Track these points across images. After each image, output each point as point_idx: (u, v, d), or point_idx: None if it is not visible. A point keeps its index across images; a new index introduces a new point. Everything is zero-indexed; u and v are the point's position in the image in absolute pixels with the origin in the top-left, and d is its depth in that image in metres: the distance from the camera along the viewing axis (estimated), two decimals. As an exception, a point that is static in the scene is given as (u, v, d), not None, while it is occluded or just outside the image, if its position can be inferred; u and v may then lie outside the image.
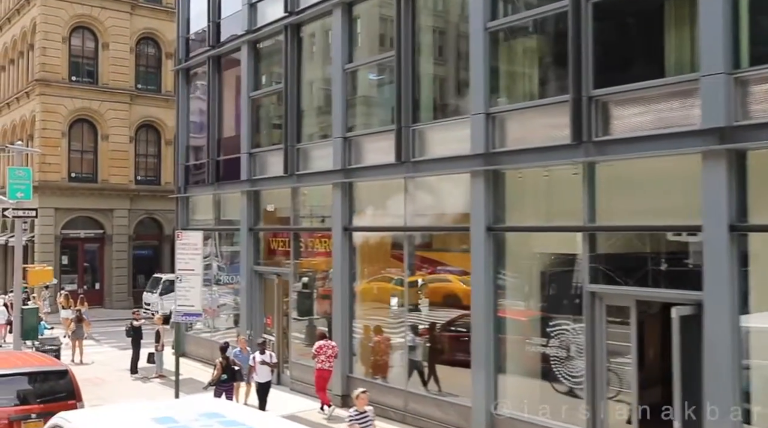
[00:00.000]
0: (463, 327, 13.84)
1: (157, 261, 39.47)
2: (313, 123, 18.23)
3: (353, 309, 16.13)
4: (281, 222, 18.92)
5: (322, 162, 16.93)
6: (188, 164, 22.78)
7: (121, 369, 20.67)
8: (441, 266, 14.60)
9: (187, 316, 13.33)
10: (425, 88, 14.79)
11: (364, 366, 15.96)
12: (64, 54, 36.14)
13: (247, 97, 19.44)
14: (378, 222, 15.89)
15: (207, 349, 21.43)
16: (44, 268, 19.89)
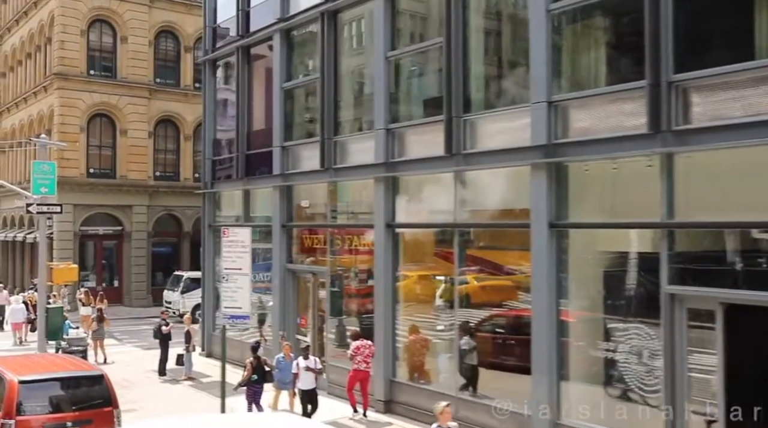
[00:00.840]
0: (519, 330, 13.02)
1: (176, 259, 38.81)
2: (351, 114, 17.41)
3: (396, 310, 15.33)
4: (316, 219, 18.14)
5: (363, 155, 16.12)
6: (215, 158, 22.02)
7: (147, 370, 19.96)
8: (494, 265, 13.76)
9: (234, 318, 12.53)
10: (477, 76, 13.95)
11: (408, 370, 15.15)
12: (82, 47, 35.50)
13: (279, 88, 18.65)
14: (424, 218, 15.09)
15: (236, 350, 20.62)
16: (69, 266, 19.20)
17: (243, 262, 12.31)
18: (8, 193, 42.84)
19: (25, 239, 38.47)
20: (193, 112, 38.41)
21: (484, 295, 13.88)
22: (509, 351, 13.37)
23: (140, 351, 24.11)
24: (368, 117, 16.44)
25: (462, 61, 13.69)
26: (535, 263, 12.09)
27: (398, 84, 15.62)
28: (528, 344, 12.32)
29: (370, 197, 16.10)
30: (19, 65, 41.69)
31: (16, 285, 41.06)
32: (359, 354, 15.03)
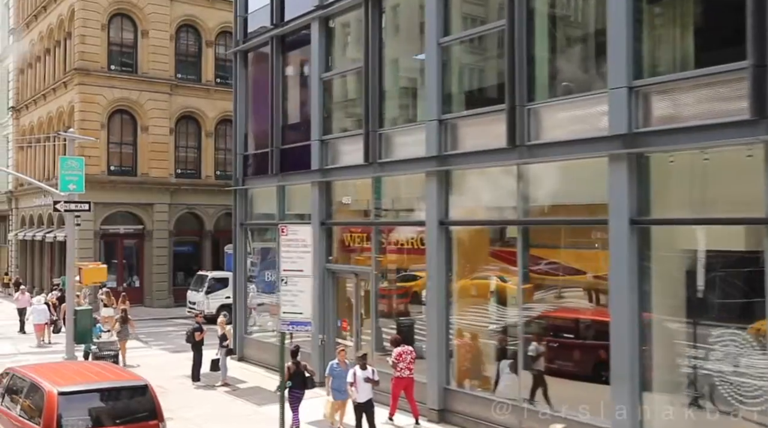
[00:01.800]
0: (593, 336, 12.05)
1: (198, 258, 38.00)
2: (398, 105, 16.47)
3: (450, 313, 14.36)
4: (359, 216, 17.20)
5: (411, 148, 15.16)
6: (246, 154, 21.10)
7: (179, 375, 19.06)
8: (562, 264, 12.75)
9: (294, 325, 11.51)
10: (544, 61, 12.95)
11: (465, 377, 14.18)
12: (103, 42, 34.70)
13: (317, 78, 17.70)
14: (482, 215, 14.13)
15: (270, 354, 19.74)
16: (98, 266, 18.33)
17: (304, 263, 11.31)
18: (26, 192, 42.22)
19: (45, 238, 37.75)
20: (215, 107, 37.63)
21: (551, 298, 12.88)
22: (582, 358, 12.39)
23: (168, 355, 23.25)
24: (418, 108, 15.48)
25: (526, 45, 12.70)
26: (615, 263, 11.09)
27: (452, 72, 14.62)
28: (604, 350, 11.34)
29: (419, 193, 15.15)
30: (37, 61, 40.96)
31: (35, 285, 40.39)
32: (402, 361, 14.19)
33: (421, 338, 15.16)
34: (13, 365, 21.29)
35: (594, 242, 11.90)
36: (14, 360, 22.09)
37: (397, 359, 14.09)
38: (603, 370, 11.44)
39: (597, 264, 11.98)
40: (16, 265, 44.29)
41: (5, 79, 47.84)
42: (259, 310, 20.66)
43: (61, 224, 37.28)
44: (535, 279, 12.94)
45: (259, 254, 21.29)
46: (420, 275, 15.93)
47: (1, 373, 12.19)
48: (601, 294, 11.90)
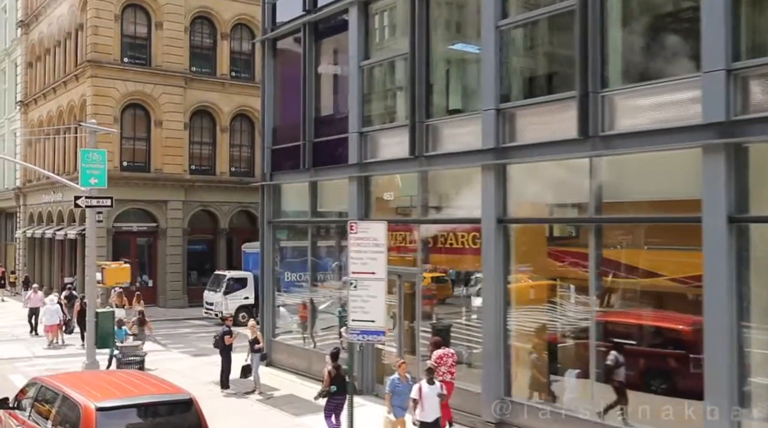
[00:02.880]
0: (682, 346, 10.97)
1: (212, 257, 36.95)
2: (446, 95, 15.43)
3: (508, 317, 13.27)
4: (402, 213, 16.12)
5: (465, 140, 14.09)
6: (275, 148, 20.01)
7: (206, 382, 17.99)
8: (642, 266, 11.65)
9: (365, 335, 10.38)
10: (619, 44, 11.88)
11: (527, 387, 13.08)
12: (116, 33, 33.63)
13: (356, 67, 16.61)
14: (547, 212, 13.08)
15: (301, 359, 18.74)
16: (121, 266, 17.26)
17: (377, 265, 10.20)
18: (35, 188, 41.15)
19: (55, 236, 36.68)
20: (230, 102, 36.57)
21: (628, 303, 11.80)
22: (666, 369, 11.29)
23: (190, 359, 22.17)
24: (470, 97, 14.42)
25: (600, 26, 11.61)
26: (710, 265, 10.01)
27: (511, 57, 13.53)
28: (694, 362, 10.26)
29: (472, 188, 14.07)
30: (47, 54, 39.87)
31: (43, 284, 39.32)
32: (443, 365, 13.22)
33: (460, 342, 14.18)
34: (29, 369, 20.39)
35: (680, 241, 10.82)
36: (30, 364, 21.08)
37: (437, 362, 13.16)
38: (692, 384, 10.37)
39: (684, 266, 10.90)
40: (24, 264, 43.22)
41: (13, 73, 46.77)
42: (289, 312, 19.58)
43: (71, 221, 36.27)
44: (610, 282, 11.85)
45: (287, 253, 20.25)
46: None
47: (27, 383, 11.10)
48: (689, 299, 10.81)
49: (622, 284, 11.83)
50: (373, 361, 16.41)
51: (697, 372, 10.25)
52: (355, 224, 10.58)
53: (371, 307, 10.16)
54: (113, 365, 16.69)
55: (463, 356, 14.09)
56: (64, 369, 19.94)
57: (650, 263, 11.62)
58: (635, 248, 11.79)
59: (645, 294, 11.62)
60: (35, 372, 19.59)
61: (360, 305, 10.21)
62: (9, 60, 47.22)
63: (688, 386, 10.53)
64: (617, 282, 11.85)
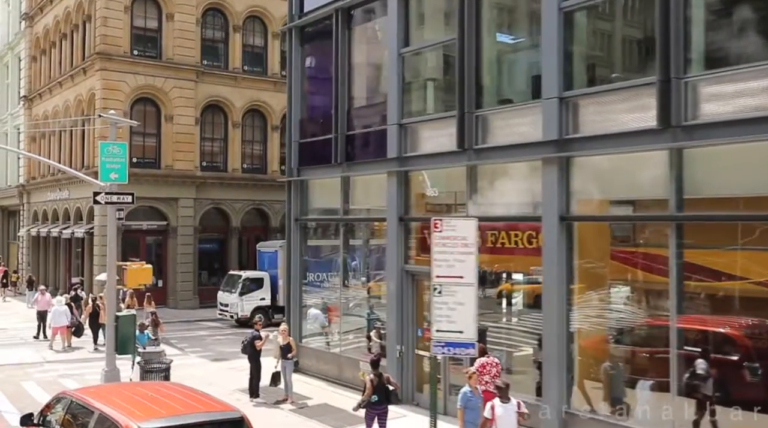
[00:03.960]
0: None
1: (223, 257, 35.92)
2: (499, 83, 14.37)
3: (571, 322, 12.23)
4: (448, 210, 15.07)
5: (520, 131, 13.05)
6: (303, 141, 18.95)
7: (232, 390, 16.92)
8: (733, 269, 10.61)
9: (452, 347, 9.28)
10: (702, 24, 10.83)
11: (591, 398, 12.02)
12: (125, 25, 32.54)
13: (396, 55, 15.56)
14: (616, 209, 12.03)
15: (332, 365, 17.69)
16: (143, 267, 16.21)
17: (465, 268, 9.12)
18: (39, 186, 40.03)
19: (61, 234, 35.59)
20: (242, 97, 35.51)
21: (715, 308, 10.77)
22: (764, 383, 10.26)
23: (209, 364, 21.12)
24: (525, 85, 13.38)
25: (683, 4, 10.57)
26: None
27: (576, 41, 12.48)
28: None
29: (529, 183, 13.06)
30: (52, 47, 38.75)
31: (48, 284, 38.17)
32: (486, 373, 12.25)
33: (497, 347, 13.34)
34: (42, 375, 19.33)
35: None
36: (41, 369, 20.01)
37: (479, 370, 12.19)
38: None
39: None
40: (28, 263, 42.08)
41: (16, 67, 45.61)
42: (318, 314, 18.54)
43: (78, 219, 35.17)
44: (692, 286, 10.81)
45: (315, 252, 19.23)
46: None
47: (54, 398, 10.02)
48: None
49: (706, 288, 10.80)
50: (412, 369, 15.38)
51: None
52: (439, 221, 9.51)
53: (458, 316, 9.08)
54: (136, 373, 15.66)
55: (502, 361, 13.09)
56: (79, 376, 18.92)
57: (738, 265, 10.59)
58: (721, 249, 10.74)
59: (733, 299, 10.59)
60: (49, 379, 18.61)
61: (445, 313, 9.13)
62: (12, 54, 46.07)
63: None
64: (700, 285, 10.82)
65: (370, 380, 12.15)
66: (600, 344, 12.16)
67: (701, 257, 10.86)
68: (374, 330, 17.60)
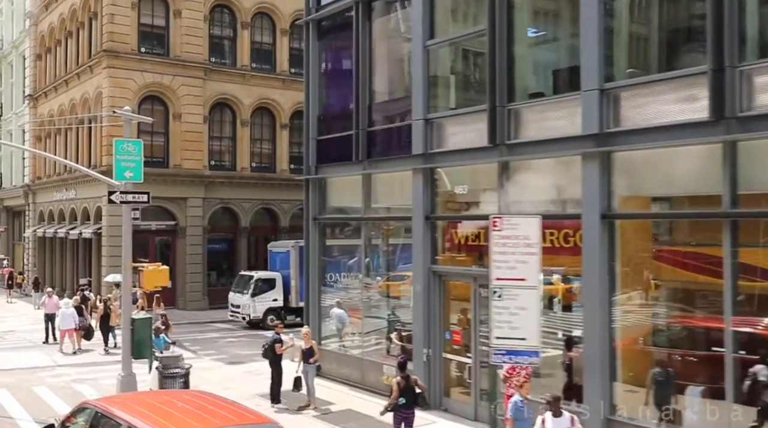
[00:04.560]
0: None
1: (232, 257, 35.38)
2: (532, 75, 13.79)
3: (613, 325, 11.65)
4: (477, 208, 14.51)
5: (556, 125, 12.47)
6: (322, 138, 18.39)
7: (251, 395, 16.36)
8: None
9: (513, 355, 8.69)
10: (762, 9, 10.26)
11: (638, 404, 11.44)
12: (133, 22, 31.98)
13: (421, 47, 14.99)
14: (665, 205, 11.45)
15: (353, 368, 17.14)
16: (159, 268, 15.62)
17: (527, 269, 8.53)
18: (45, 186, 39.50)
19: (68, 235, 35.06)
20: (251, 94, 34.96)
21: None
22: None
23: (225, 367, 20.55)
24: (563, 76, 12.83)
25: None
26: None
27: (617, 30, 11.91)
28: None
29: (566, 179, 12.50)
30: (58, 45, 38.20)
31: (54, 285, 37.63)
32: (515, 376, 11.67)
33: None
34: (54, 380, 18.72)
35: None
36: (54, 374, 19.46)
37: (509, 373, 11.63)
38: None
39: None
40: (34, 264, 41.55)
41: (21, 66, 45.06)
42: (339, 316, 17.98)
43: (86, 220, 34.63)
44: (748, 287, 10.25)
45: (334, 252, 18.69)
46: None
47: (77, 408, 9.46)
48: None
49: (763, 288, 10.23)
50: (440, 373, 14.82)
51: None
52: (499, 219, 8.92)
53: (521, 322, 8.49)
54: (154, 379, 15.07)
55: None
56: (92, 380, 18.38)
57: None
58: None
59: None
60: (62, 384, 18.06)
61: (506, 319, 8.53)
62: (17, 53, 45.51)
63: None
64: (757, 285, 10.25)
65: (396, 382, 11.75)
66: (645, 347, 11.59)
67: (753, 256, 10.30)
68: (395, 331, 17.09)
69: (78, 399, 16.57)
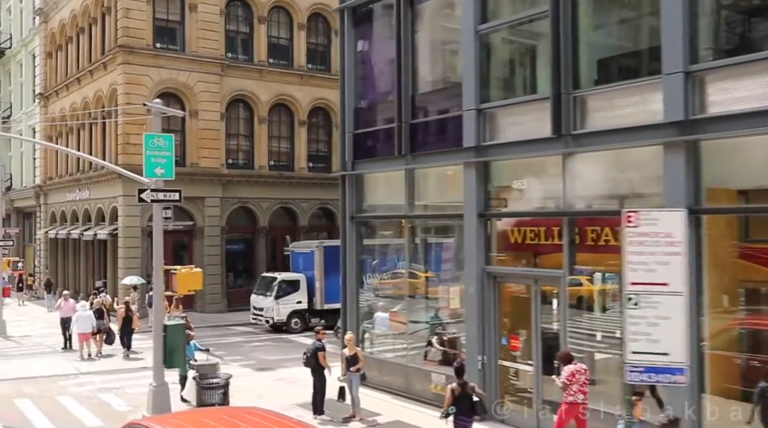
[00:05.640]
0: None
1: (250, 258, 34.41)
2: (600, 60, 12.78)
3: (702, 328, 10.63)
4: (536, 204, 13.50)
5: (630, 113, 11.46)
6: (358, 132, 17.38)
7: (290, 405, 15.37)
8: None
9: (654, 373, 7.60)
10: None
11: (727, 419, 10.43)
12: (148, 17, 31.03)
13: (472, 32, 13.97)
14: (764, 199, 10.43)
15: (397, 376, 16.16)
16: (191, 271, 14.64)
17: (670, 272, 7.50)
18: (57, 186, 38.56)
19: (83, 236, 34.13)
20: (269, 91, 33.99)
21: None
22: None
23: (254, 374, 19.57)
24: (638, 59, 11.81)
25: None
26: None
27: (703, 6, 10.88)
28: None
29: (642, 172, 11.51)
30: (69, 42, 37.26)
31: (67, 287, 36.74)
32: (575, 383, 11.04)
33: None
34: (79, 389, 17.64)
35: None
36: (77, 382, 18.50)
37: (569, 379, 11.02)
38: None
39: None
40: (46, 266, 40.62)
41: (30, 65, 44.14)
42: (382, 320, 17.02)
43: (100, 220, 33.69)
44: None
45: (371, 253, 17.72)
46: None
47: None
48: None
49: None
50: (496, 381, 13.83)
51: None
52: (634, 214, 7.87)
53: (662, 334, 7.43)
54: (190, 390, 14.13)
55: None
56: (118, 389, 17.42)
57: None
58: None
59: None
60: (87, 394, 17.08)
61: (644, 330, 7.47)
62: (26, 51, 44.58)
63: None
64: None
65: (451, 389, 11.11)
66: (742, 356, 10.57)
67: None
68: (436, 336, 16.13)
69: (105, 409, 15.69)
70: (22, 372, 19.41)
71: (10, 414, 15.15)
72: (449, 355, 15.75)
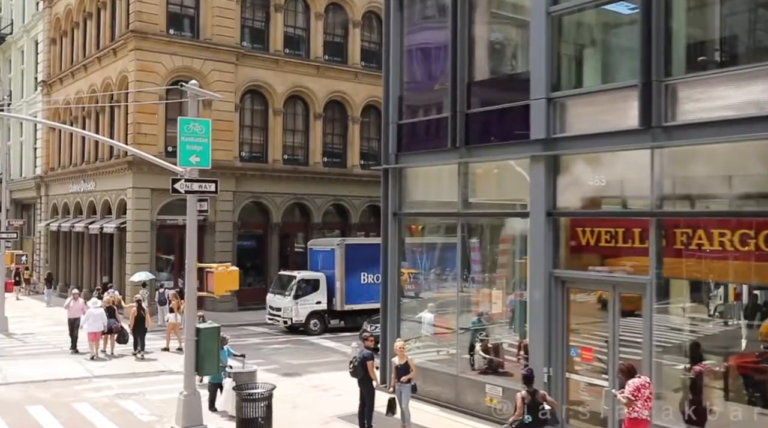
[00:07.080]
0: None
1: (261, 255, 33.13)
2: (697, 45, 11.59)
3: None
4: (616, 202, 12.30)
5: (738, 102, 10.26)
6: (403, 122, 16.14)
7: (327, 416, 14.21)
8: None
9: None
10: None
11: None
12: (161, 1, 29.72)
13: (543, 14, 12.74)
14: None
15: (446, 386, 14.95)
16: (228, 269, 13.38)
17: None
18: (59, 177, 37.14)
19: (88, 230, 32.70)
20: (284, 82, 32.68)
21: None
22: None
23: (283, 380, 18.13)
24: (747, 41, 10.62)
25: None
26: None
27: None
28: None
29: (742, 168, 10.34)
30: (75, 28, 35.81)
31: (69, 282, 35.37)
32: (640, 398, 10.11)
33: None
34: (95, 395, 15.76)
35: None
36: (93, 387, 17.13)
37: (635, 395, 10.09)
38: None
39: None
40: (46, 259, 39.18)
41: (32, 52, 42.63)
42: (429, 324, 15.81)
43: (106, 213, 32.32)
44: None
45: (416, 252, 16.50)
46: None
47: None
48: None
49: None
50: (563, 395, 12.63)
51: None
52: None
53: None
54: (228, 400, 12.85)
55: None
56: (138, 395, 16.08)
57: None
58: None
59: None
60: (105, 401, 15.69)
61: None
62: (28, 37, 43.04)
63: None
64: None
65: (521, 397, 10.49)
66: None
67: None
68: (479, 342, 14.98)
69: (128, 418, 14.35)
70: (31, 374, 18.05)
71: (25, 423, 13.82)
72: (497, 363, 14.68)
